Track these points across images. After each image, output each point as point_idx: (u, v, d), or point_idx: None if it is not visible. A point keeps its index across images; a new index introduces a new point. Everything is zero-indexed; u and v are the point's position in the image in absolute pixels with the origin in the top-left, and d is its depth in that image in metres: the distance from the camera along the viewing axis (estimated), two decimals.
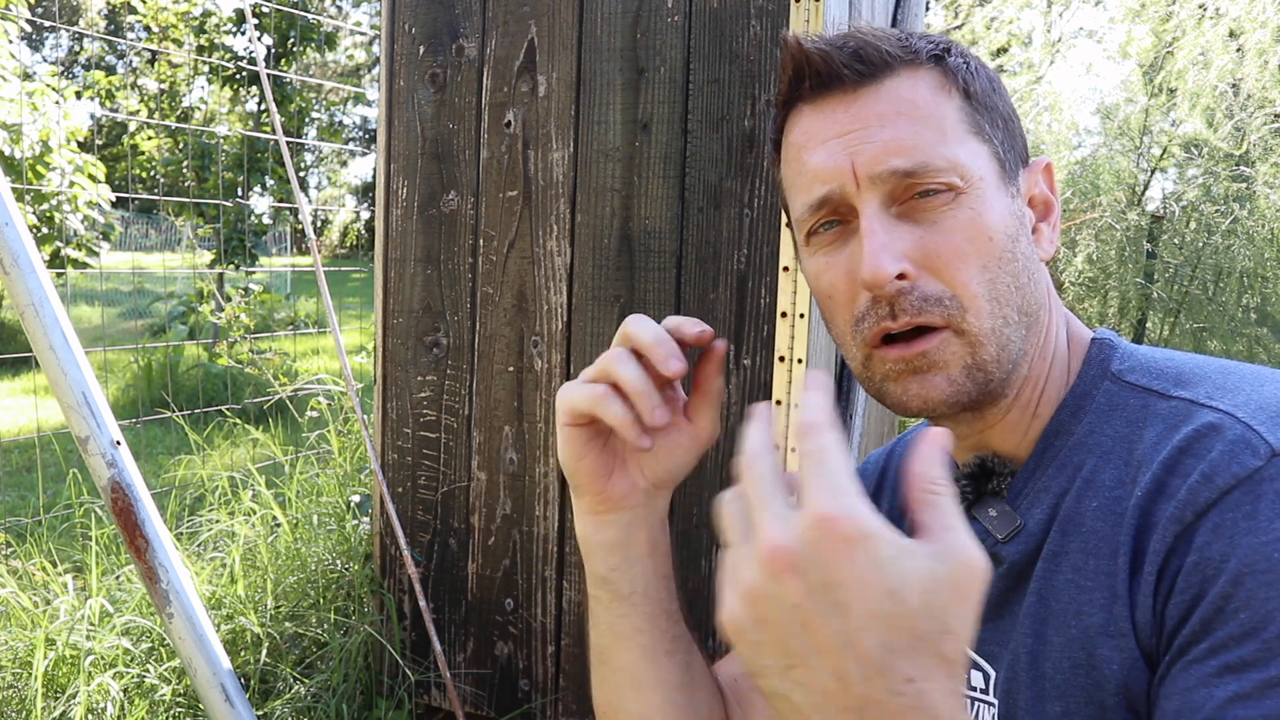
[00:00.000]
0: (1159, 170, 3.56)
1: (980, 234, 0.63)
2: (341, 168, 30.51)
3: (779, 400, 1.30)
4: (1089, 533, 0.61)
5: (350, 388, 1.77)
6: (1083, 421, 0.65)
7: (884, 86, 0.65)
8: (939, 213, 0.63)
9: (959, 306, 0.63)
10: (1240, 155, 3.18)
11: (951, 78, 0.66)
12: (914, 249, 0.63)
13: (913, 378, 0.64)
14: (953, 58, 0.67)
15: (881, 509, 0.85)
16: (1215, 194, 3.30)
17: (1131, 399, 0.63)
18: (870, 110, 0.64)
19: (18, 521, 2.79)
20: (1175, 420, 0.58)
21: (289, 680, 1.62)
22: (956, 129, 0.65)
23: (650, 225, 1.37)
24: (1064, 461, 0.65)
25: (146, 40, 8.78)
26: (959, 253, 0.63)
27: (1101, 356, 0.67)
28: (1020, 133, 0.69)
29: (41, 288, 1.17)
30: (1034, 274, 0.66)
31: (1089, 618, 0.59)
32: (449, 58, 1.50)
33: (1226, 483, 0.53)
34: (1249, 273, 3.22)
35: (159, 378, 5.42)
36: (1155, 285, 3.39)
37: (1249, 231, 3.18)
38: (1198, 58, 3.17)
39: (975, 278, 0.63)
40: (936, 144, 0.64)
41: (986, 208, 0.64)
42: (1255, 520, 0.51)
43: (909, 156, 0.63)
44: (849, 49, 0.65)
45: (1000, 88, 0.69)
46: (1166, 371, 0.63)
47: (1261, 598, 0.49)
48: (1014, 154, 0.68)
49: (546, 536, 1.49)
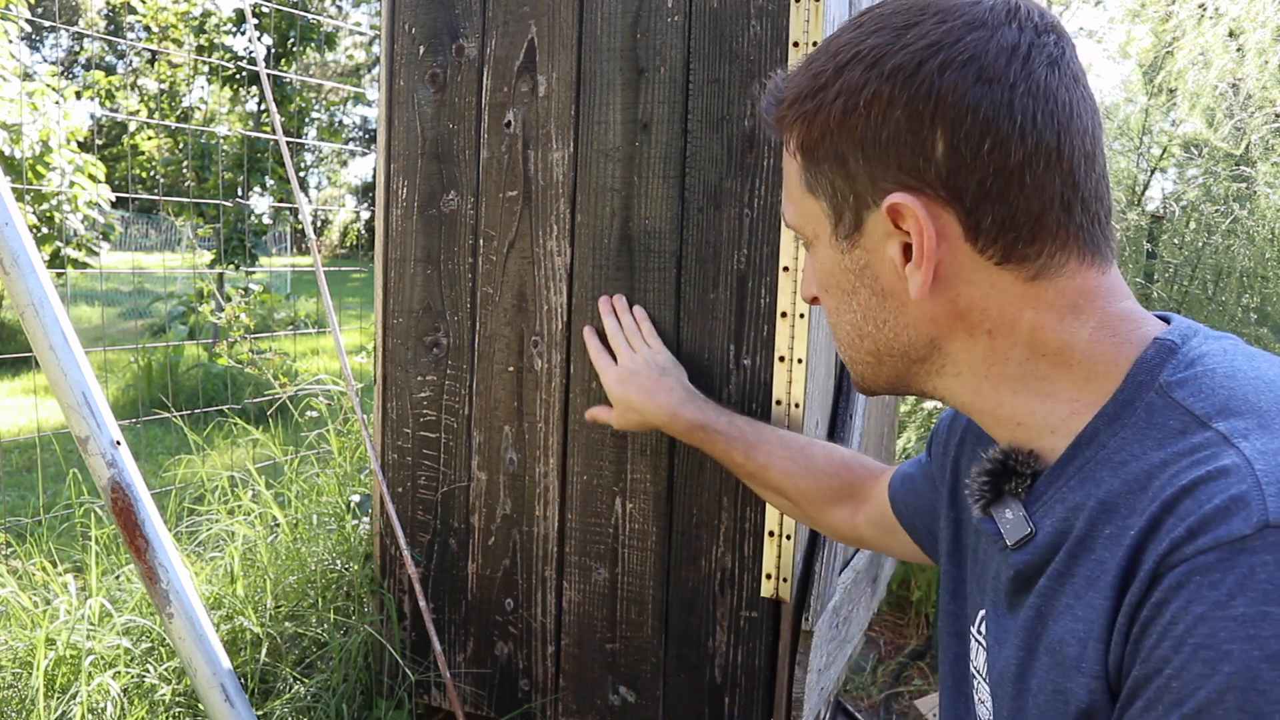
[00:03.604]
0: (1159, 170, 3.56)
1: (821, 283, 0.72)
2: (341, 168, 30.49)
3: (779, 400, 1.30)
4: (1096, 561, 0.58)
5: (350, 388, 1.77)
6: (1116, 435, 0.60)
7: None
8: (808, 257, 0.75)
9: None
10: (1240, 155, 3.18)
11: (791, 133, 0.68)
12: (809, 279, 0.77)
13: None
14: (796, 107, 0.67)
15: (947, 445, 0.88)
16: (1215, 194, 3.30)
17: (1172, 419, 0.57)
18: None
19: (18, 521, 2.79)
20: (1201, 457, 0.54)
21: (289, 680, 1.62)
22: (795, 188, 0.70)
23: (650, 225, 1.37)
24: (1087, 475, 0.61)
25: (146, 40, 8.78)
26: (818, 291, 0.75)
27: (1155, 361, 0.61)
28: (887, 159, 0.62)
29: (41, 288, 1.17)
30: (887, 322, 0.69)
31: (1069, 648, 0.58)
32: (449, 58, 1.50)
33: (1206, 544, 0.50)
34: (1249, 272, 3.22)
35: (159, 378, 5.42)
36: (1155, 285, 3.39)
37: (1249, 231, 3.18)
38: (1198, 58, 3.17)
39: (829, 316, 0.74)
40: (789, 203, 0.72)
41: (822, 262, 0.71)
42: (1217, 591, 0.48)
43: (783, 211, 0.75)
44: (765, 116, 0.73)
45: (851, 114, 0.63)
46: (1218, 392, 0.57)
47: (1194, 672, 0.47)
48: (858, 199, 0.65)
49: (546, 536, 1.49)
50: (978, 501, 0.70)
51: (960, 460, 0.83)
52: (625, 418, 1.32)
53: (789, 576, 1.32)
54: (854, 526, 1.11)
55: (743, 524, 1.35)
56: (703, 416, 1.22)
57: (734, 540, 1.36)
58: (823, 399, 1.41)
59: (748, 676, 1.37)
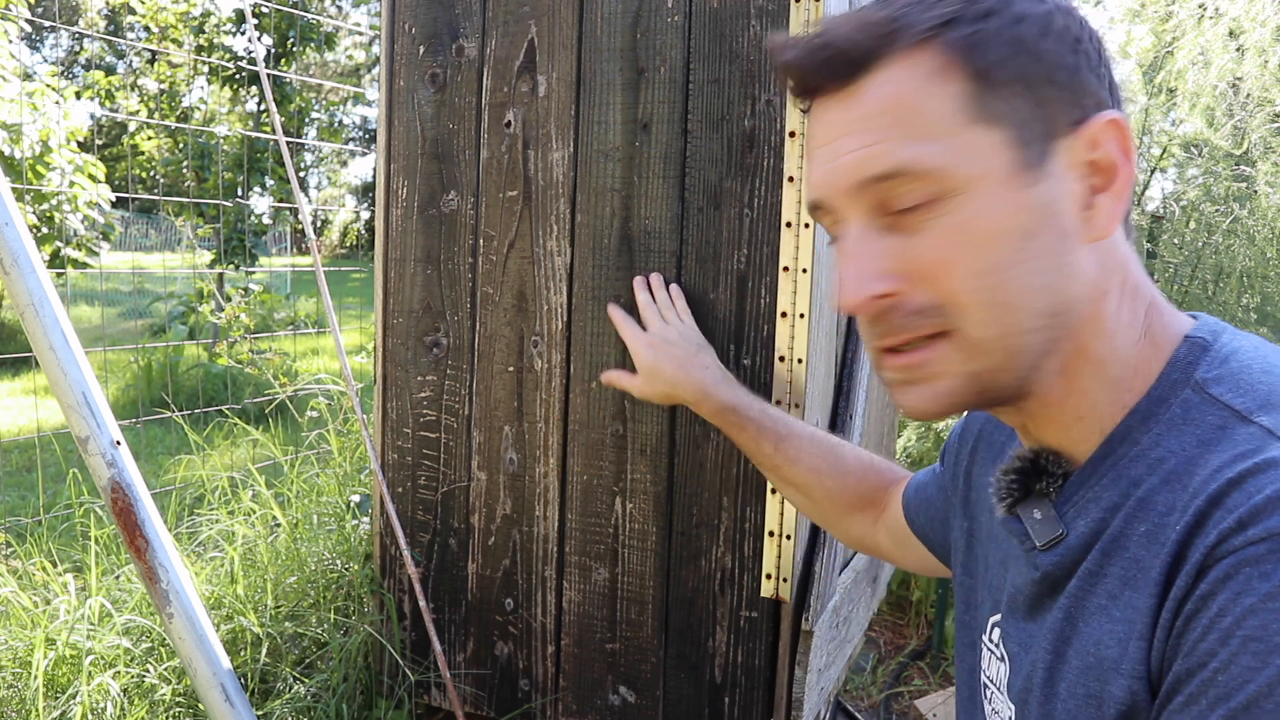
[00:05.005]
0: (1159, 170, 3.56)
1: (973, 238, 0.58)
2: (341, 168, 30.49)
3: (779, 400, 1.30)
4: (1131, 560, 0.56)
5: (350, 388, 1.77)
6: (1150, 432, 0.58)
7: (864, 86, 0.59)
8: (925, 220, 0.58)
9: (953, 316, 0.59)
10: (1241, 155, 3.18)
11: (952, 56, 0.58)
12: (898, 263, 0.59)
13: (910, 387, 0.62)
14: (957, 29, 0.58)
15: (959, 456, 0.85)
16: (1215, 194, 3.30)
17: (1210, 415, 0.56)
18: (849, 115, 0.60)
19: (18, 521, 2.79)
20: (1246, 451, 0.52)
21: (289, 680, 1.62)
22: (950, 120, 0.58)
23: (650, 225, 1.37)
24: (1121, 473, 0.59)
25: (146, 40, 8.77)
26: (946, 261, 0.58)
27: (1189, 359, 0.59)
28: (1078, 85, 0.59)
29: (41, 288, 1.17)
30: (1066, 267, 0.59)
31: (1108, 649, 0.56)
32: (449, 58, 1.50)
33: (1257, 534, 0.48)
34: (1249, 272, 3.22)
35: (159, 378, 5.42)
36: (1156, 285, 3.39)
37: (1249, 231, 3.18)
38: (1198, 58, 3.17)
39: (968, 285, 0.58)
40: (920, 143, 0.58)
41: (984, 207, 0.58)
42: (1268, 583, 0.47)
43: (885, 161, 0.58)
44: (819, 54, 0.60)
45: (1044, 37, 0.59)
46: (1258, 388, 0.56)
47: (1243, 664, 0.46)
48: (1049, 124, 0.59)
49: (546, 536, 1.49)
50: (1004, 500, 0.67)
51: (973, 469, 0.82)
52: (651, 386, 1.27)
53: (789, 576, 1.32)
54: (873, 535, 1.08)
55: (743, 524, 1.35)
56: (736, 400, 1.17)
57: (734, 540, 1.36)
58: (823, 399, 1.41)
59: (748, 676, 1.37)
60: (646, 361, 1.27)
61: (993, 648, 0.73)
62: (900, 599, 2.99)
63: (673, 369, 1.23)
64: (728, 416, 1.17)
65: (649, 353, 1.27)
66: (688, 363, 1.23)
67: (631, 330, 1.32)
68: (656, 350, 1.26)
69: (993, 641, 0.73)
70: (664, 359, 1.25)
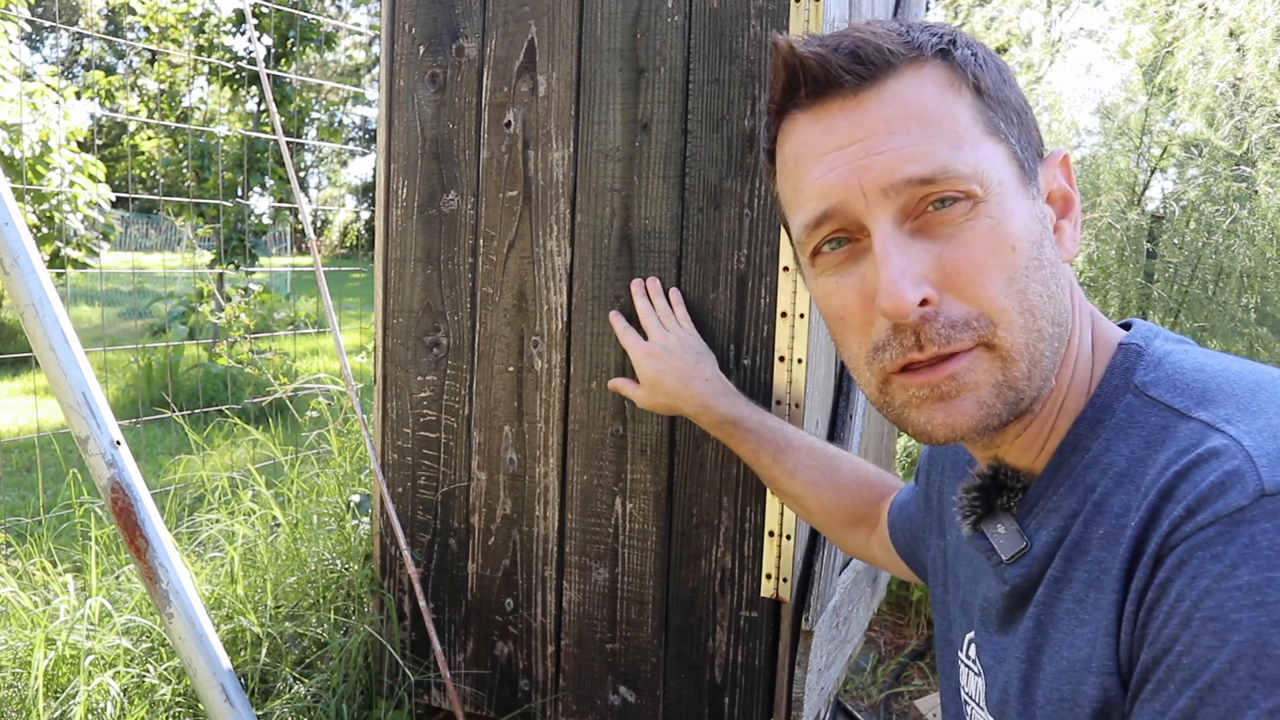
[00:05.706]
0: (1159, 170, 3.56)
1: (1003, 244, 0.58)
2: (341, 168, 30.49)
3: (779, 400, 1.30)
4: (1093, 563, 0.58)
5: (350, 388, 1.77)
6: (1099, 438, 0.60)
7: (887, 89, 0.59)
8: (957, 225, 0.58)
9: (989, 324, 0.58)
10: (1241, 155, 3.18)
11: (960, 73, 0.60)
12: (933, 269, 0.58)
13: (938, 404, 0.59)
14: (960, 50, 0.61)
15: (930, 477, 0.87)
16: (1216, 194, 3.29)
17: (1153, 416, 0.58)
18: (875, 117, 0.59)
19: (18, 521, 2.79)
20: (1188, 445, 0.54)
21: (289, 680, 1.62)
22: (971, 130, 0.59)
23: (650, 225, 1.37)
24: (1076, 481, 0.61)
25: (146, 40, 8.77)
26: (982, 267, 0.58)
27: (1126, 365, 0.62)
28: (1034, 125, 0.65)
29: (41, 288, 1.17)
30: (1061, 279, 0.62)
31: (1078, 651, 0.57)
32: (449, 58, 1.50)
33: (1205, 519, 0.49)
34: (1249, 272, 3.22)
35: (159, 378, 5.42)
36: (1155, 285, 3.39)
37: (1249, 231, 3.18)
38: (1198, 58, 3.17)
39: (1002, 291, 0.58)
40: (952, 148, 0.58)
41: (1008, 214, 0.59)
42: (1220, 563, 0.48)
43: (924, 164, 0.58)
44: (845, 49, 0.60)
45: (1011, 79, 0.64)
46: (1193, 386, 0.57)
47: (1204, 645, 0.47)
48: (1030, 150, 0.63)
49: (546, 536, 1.49)
50: (968, 518, 0.68)
51: (943, 488, 0.83)
52: (653, 398, 1.28)
53: (789, 576, 1.32)
54: (868, 548, 1.10)
55: (743, 524, 1.35)
56: (736, 412, 1.18)
57: (734, 540, 1.36)
58: (823, 399, 1.41)
59: (748, 676, 1.37)
60: (648, 373, 1.28)
61: (969, 663, 0.74)
62: (900, 599, 2.99)
63: (674, 382, 1.24)
64: (727, 429, 1.18)
65: (650, 363, 1.27)
66: (689, 375, 1.23)
67: (633, 339, 1.32)
68: (658, 360, 1.27)
69: (969, 657, 0.73)
70: (665, 371, 1.25)
